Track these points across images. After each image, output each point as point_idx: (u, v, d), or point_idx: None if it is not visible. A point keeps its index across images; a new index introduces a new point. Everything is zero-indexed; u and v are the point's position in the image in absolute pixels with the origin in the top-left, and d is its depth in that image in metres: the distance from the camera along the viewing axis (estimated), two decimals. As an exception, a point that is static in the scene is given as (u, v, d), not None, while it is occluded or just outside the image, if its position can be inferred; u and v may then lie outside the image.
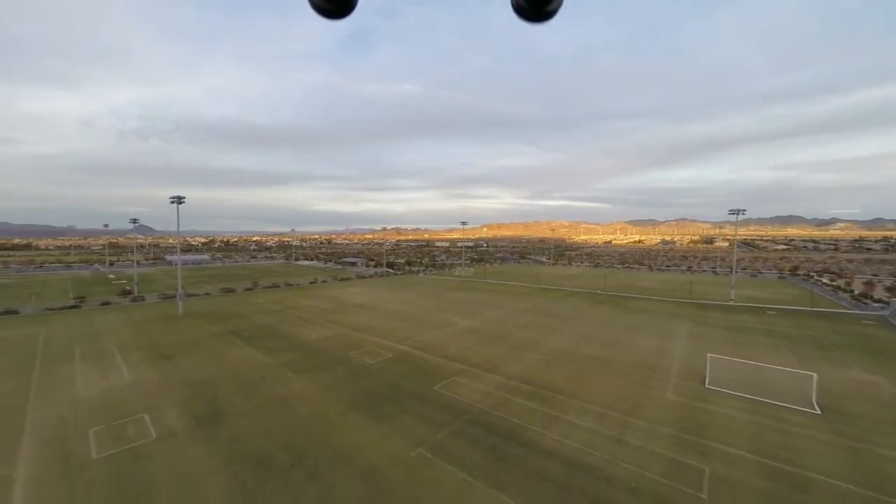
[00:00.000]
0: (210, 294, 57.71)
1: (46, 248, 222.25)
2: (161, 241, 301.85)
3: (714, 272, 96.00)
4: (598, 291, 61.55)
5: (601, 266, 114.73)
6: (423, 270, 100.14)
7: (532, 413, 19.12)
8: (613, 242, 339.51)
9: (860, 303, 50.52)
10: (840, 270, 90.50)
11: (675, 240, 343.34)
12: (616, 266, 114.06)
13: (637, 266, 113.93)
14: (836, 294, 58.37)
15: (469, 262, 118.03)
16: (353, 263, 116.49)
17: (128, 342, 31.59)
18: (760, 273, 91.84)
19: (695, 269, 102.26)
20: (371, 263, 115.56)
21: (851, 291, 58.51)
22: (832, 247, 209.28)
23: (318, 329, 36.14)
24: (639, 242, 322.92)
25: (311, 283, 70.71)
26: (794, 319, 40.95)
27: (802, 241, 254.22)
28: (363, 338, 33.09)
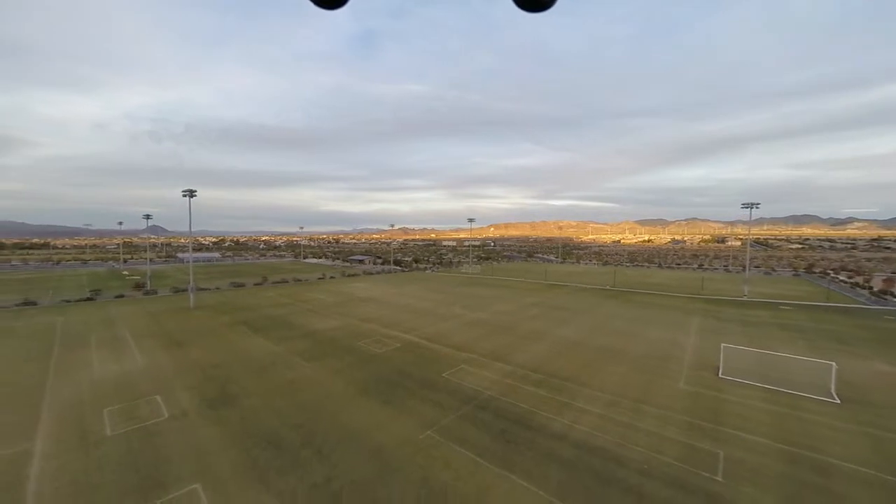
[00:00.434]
0: (220, 288, 58.50)
1: (63, 247, 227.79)
2: (173, 241, 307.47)
3: (726, 270, 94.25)
4: (608, 287, 60.86)
5: (610, 264, 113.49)
6: (431, 268, 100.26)
7: (541, 399, 18.92)
8: (622, 242, 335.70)
9: (880, 299, 49.08)
10: (858, 268, 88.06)
11: (686, 239, 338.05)
12: (625, 264, 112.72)
13: (646, 264, 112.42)
14: (854, 291, 56.83)
15: (476, 260, 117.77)
16: (361, 261, 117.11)
17: (141, 330, 32.16)
18: (774, 271, 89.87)
19: (706, 267, 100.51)
20: (378, 261, 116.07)
21: (870, 288, 56.90)
22: (849, 246, 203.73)
23: (327, 320, 36.35)
24: (648, 242, 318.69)
25: (320, 279, 71.25)
26: (811, 314, 39.93)
27: (818, 241, 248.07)
28: (371, 328, 33.18)
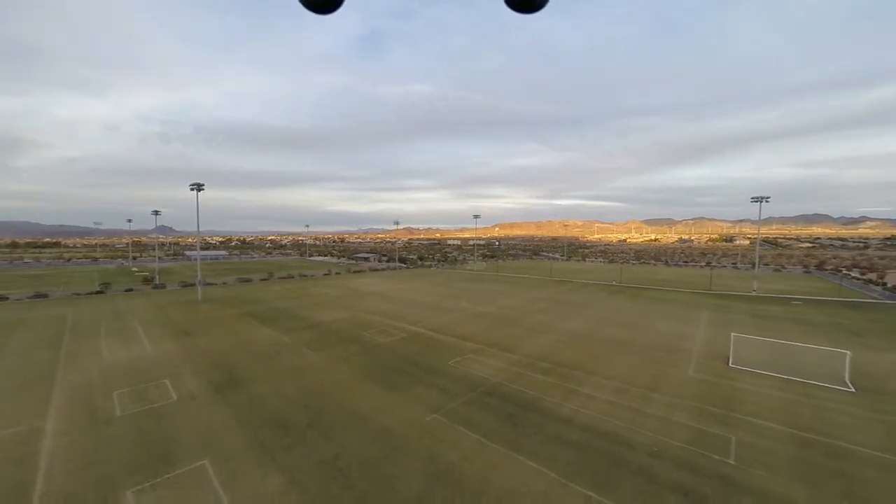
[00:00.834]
0: (227, 283, 58.99)
1: (74, 246, 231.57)
2: (181, 240, 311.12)
3: (734, 267, 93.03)
4: (614, 283, 60.35)
5: (616, 262, 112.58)
6: (436, 265, 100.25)
7: (549, 386, 18.76)
8: (628, 241, 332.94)
9: (895, 294, 48.05)
10: (870, 265, 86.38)
11: (693, 238, 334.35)
12: (631, 262, 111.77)
13: (653, 262, 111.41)
14: (868, 287, 55.72)
15: (481, 258, 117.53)
16: (366, 259, 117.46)
17: (149, 321, 32.51)
18: (784, 268, 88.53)
19: (714, 265, 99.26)
20: (384, 259, 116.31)
21: (884, 284, 55.74)
22: (861, 245, 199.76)
23: (332, 312, 36.45)
24: (655, 241, 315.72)
25: (325, 275, 71.56)
26: (823, 309, 39.22)
27: (829, 240, 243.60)
28: (376, 320, 33.20)
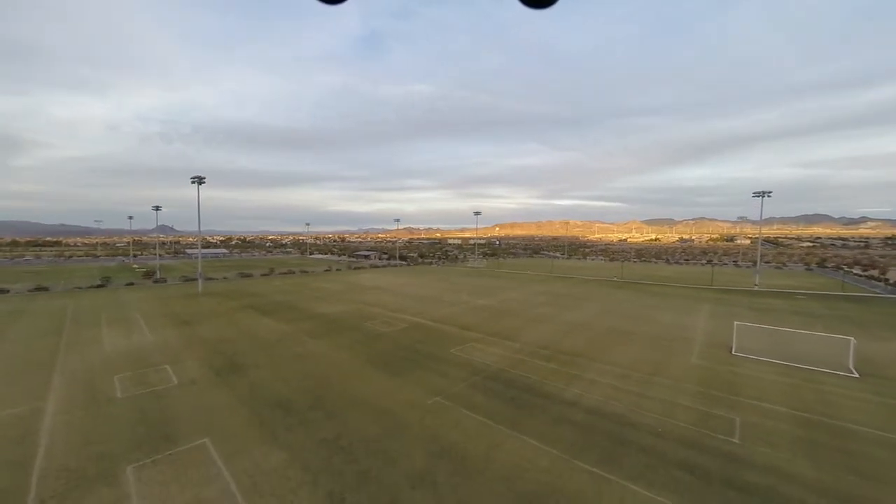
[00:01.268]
0: (228, 278, 58.93)
1: (74, 245, 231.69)
2: (181, 239, 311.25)
3: (736, 265, 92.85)
4: (615, 279, 60.25)
5: (617, 260, 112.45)
6: (436, 262, 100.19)
7: (551, 372, 18.68)
8: (629, 240, 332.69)
9: (896, 289, 47.92)
10: (872, 263, 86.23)
11: (694, 238, 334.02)
12: (633, 260, 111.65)
13: (654, 260, 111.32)
14: (869, 283, 55.60)
15: (482, 256, 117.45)
16: (367, 256, 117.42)
17: (150, 312, 32.46)
18: (785, 266, 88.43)
19: (715, 263, 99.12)
20: (384, 256, 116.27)
21: (886, 280, 55.62)
22: (862, 244, 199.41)
23: (333, 305, 36.38)
24: (655, 240, 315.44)
25: (326, 271, 71.51)
26: (825, 303, 39.10)
27: (830, 239, 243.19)
28: (377, 312, 33.13)
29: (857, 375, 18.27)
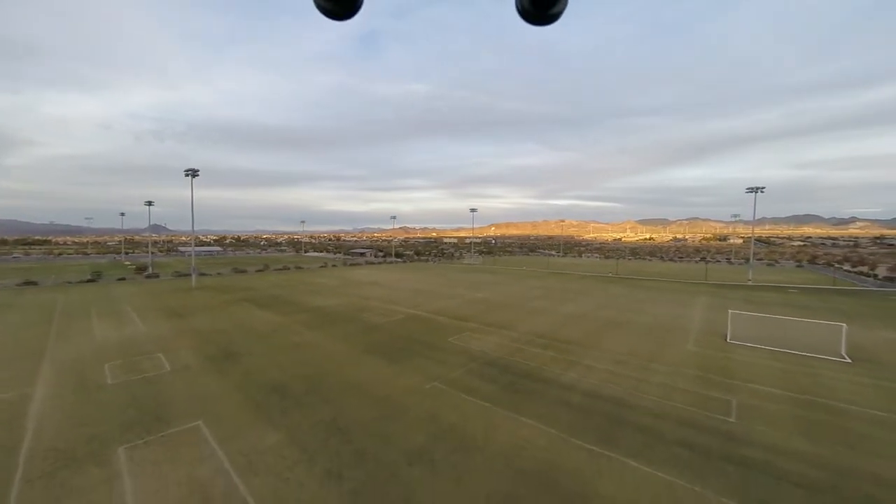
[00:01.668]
0: (222, 274, 58.32)
1: (65, 243, 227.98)
2: (174, 238, 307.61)
3: (729, 262, 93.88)
4: (611, 275, 60.57)
5: (612, 258, 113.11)
6: (432, 260, 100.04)
7: (549, 359, 18.65)
8: (623, 239, 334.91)
9: (886, 283, 48.69)
10: (861, 260, 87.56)
11: (688, 238, 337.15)
12: (627, 257, 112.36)
13: (649, 257, 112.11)
14: (860, 278, 56.38)
15: (478, 254, 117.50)
16: (362, 254, 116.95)
17: (142, 305, 31.97)
18: (777, 262, 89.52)
19: (709, 260, 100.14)
20: (380, 254, 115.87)
21: (875, 275, 56.45)
22: (852, 244, 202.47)
23: (329, 298, 36.12)
24: (649, 240, 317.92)
25: (321, 267, 71.07)
26: (817, 296, 39.57)
27: (820, 239, 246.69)
28: (373, 304, 32.94)
29: (850, 361, 18.47)
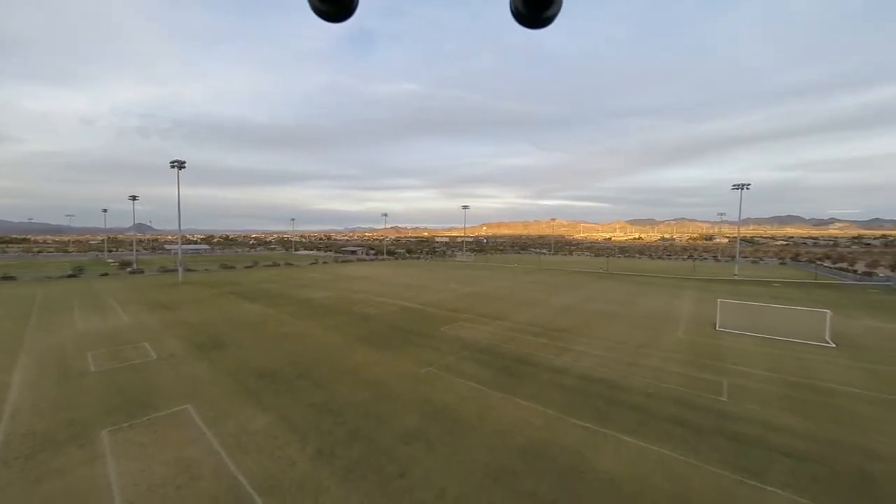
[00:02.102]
0: (209, 270, 57.16)
1: (44, 242, 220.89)
2: (160, 237, 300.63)
3: (715, 259, 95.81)
4: (601, 271, 61.21)
5: (602, 256, 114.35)
6: (424, 257, 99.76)
7: (542, 346, 18.68)
8: (613, 239, 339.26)
9: (865, 277, 50.22)
10: (841, 257, 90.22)
11: (675, 238, 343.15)
12: (617, 255, 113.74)
13: (638, 255, 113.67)
14: (840, 273, 58.04)
15: (470, 252, 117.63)
16: (353, 252, 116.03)
17: (126, 299, 31.10)
18: (762, 260, 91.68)
19: (696, 258, 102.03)
20: (371, 252, 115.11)
21: (855, 271, 58.22)
22: (831, 243, 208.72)
23: (320, 292, 35.67)
24: (638, 239, 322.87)
25: (312, 264, 70.27)
26: (801, 289, 40.59)
27: (801, 239, 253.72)
28: (364, 297, 32.63)
29: (834, 345, 18.94)
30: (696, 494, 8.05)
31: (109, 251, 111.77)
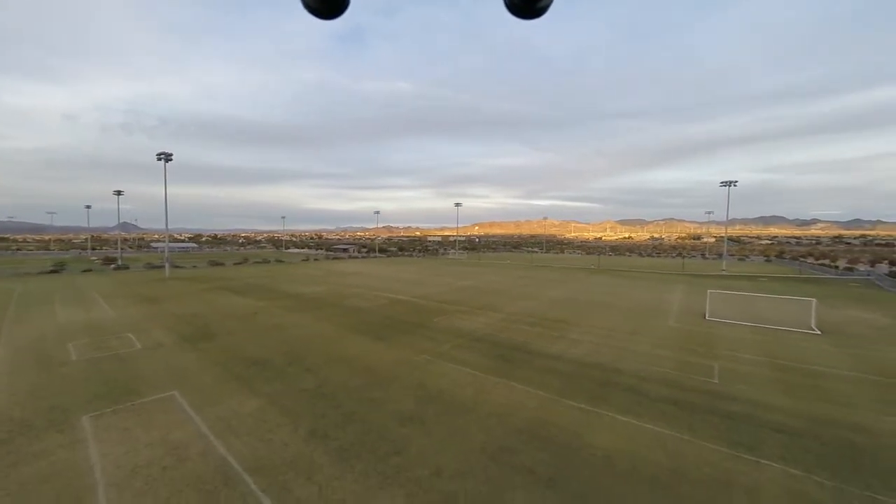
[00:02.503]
0: (197, 266, 56.02)
1: (24, 241, 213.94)
2: (146, 236, 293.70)
3: (703, 257, 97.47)
4: (592, 267, 61.74)
5: (593, 254, 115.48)
6: (417, 255, 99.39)
7: (536, 334, 18.68)
8: (603, 238, 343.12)
9: (846, 273, 51.59)
10: (823, 254, 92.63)
11: (664, 237, 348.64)
12: (608, 254, 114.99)
13: (628, 253, 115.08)
14: (823, 269, 59.56)
15: (463, 250, 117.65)
16: (345, 250, 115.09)
17: (111, 293, 30.24)
18: (748, 257, 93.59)
19: (685, 255, 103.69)
20: (363, 250, 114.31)
21: (837, 266, 59.80)
22: (814, 242, 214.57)
23: (311, 286, 35.20)
24: (628, 239, 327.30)
25: (303, 261, 69.41)
26: (786, 284, 41.47)
27: (785, 238, 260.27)
28: (357, 291, 32.29)
29: (820, 332, 19.35)
30: (693, 468, 8.06)
31: (93, 249, 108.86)
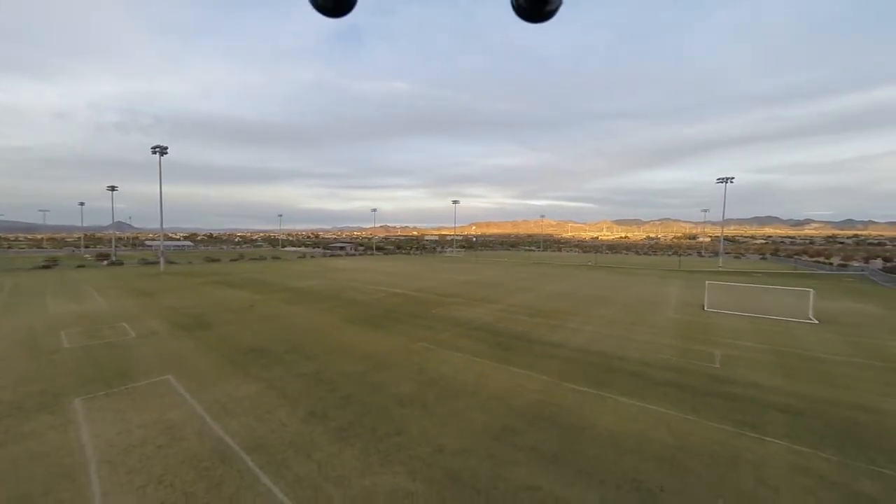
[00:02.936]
0: (193, 263, 55.49)
1: (16, 239, 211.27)
2: (140, 236, 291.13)
3: (699, 255, 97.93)
4: (590, 264, 61.82)
5: (591, 252, 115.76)
6: (414, 253, 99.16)
7: (536, 325, 18.56)
8: (600, 238, 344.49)
9: (839, 269, 52.02)
10: (817, 251, 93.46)
11: (660, 237, 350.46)
12: (605, 252, 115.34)
13: (625, 252, 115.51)
14: (818, 265, 60.05)
15: (460, 248, 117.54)
16: (342, 248, 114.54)
17: (105, 286, 29.81)
18: (743, 255, 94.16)
19: (681, 254, 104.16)
20: (360, 248, 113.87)
21: (831, 263, 60.33)
22: (807, 242, 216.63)
23: (309, 280, 34.92)
24: (624, 238, 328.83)
25: (300, 258, 68.98)
26: (782, 279, 41.68)
27: (779, 238, 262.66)
28: (354, 285, 32.06)
29: (817, 322, 19.41)
30: (698, 446, 7.97)
31: (87, 247, 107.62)
